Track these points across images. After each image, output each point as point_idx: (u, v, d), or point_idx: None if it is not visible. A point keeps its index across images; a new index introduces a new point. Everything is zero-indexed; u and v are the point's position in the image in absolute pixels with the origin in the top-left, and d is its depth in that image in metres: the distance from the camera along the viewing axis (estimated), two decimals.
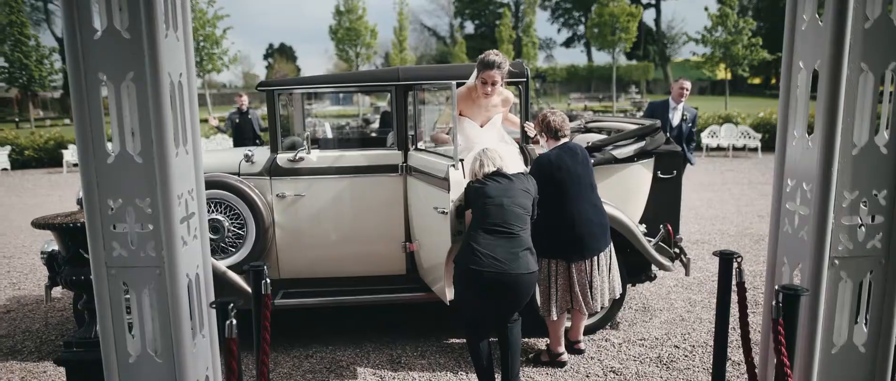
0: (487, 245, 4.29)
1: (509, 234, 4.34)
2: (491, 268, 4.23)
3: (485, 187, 4.47)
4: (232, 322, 3.00)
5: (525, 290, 4.38)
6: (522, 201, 4.48)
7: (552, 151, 5.02)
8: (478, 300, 4.43)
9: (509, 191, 4.45)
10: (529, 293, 4.44)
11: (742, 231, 10.01)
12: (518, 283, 4.30)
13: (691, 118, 9.29)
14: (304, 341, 5.87)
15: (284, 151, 5.70)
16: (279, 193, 5.62)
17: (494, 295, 4.33)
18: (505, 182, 4.50)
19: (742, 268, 3.58)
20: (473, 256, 4.28)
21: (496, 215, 4.36)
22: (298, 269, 5.81)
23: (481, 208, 4.43)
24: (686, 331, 5.93)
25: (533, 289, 4.48)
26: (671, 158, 6.08)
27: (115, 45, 2.93)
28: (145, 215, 3.08)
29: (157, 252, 3.11)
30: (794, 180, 3.25)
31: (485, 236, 4.33)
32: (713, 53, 32.19)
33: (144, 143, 3.02)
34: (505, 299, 4.38)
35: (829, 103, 2.97)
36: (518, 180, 4.56)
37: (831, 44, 2.95)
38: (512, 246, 4.31)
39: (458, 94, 5.22)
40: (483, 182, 4.52)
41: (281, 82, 5.79)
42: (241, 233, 5.56)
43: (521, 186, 4.54)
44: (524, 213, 4.46)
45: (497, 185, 4.47)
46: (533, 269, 4.38)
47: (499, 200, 4.40)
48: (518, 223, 4.39)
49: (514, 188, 4.48)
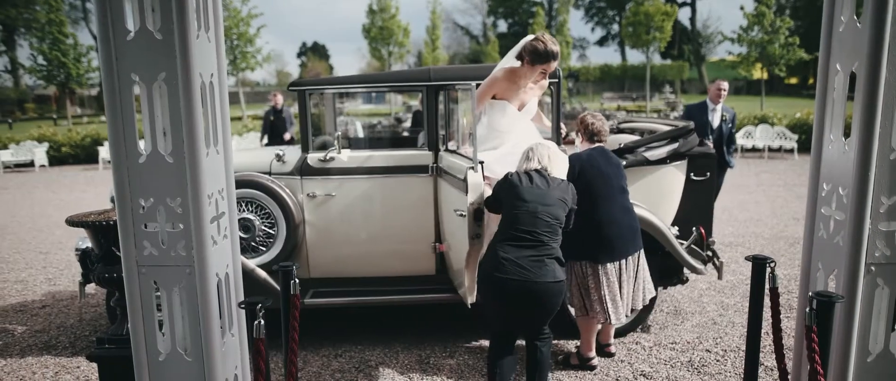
0: (513, 252, 4.07)
1: (537, 242, 4.09)
2: (515, 276, 4.00)
3: (519, 188, 4.22)
4: (260, 322, 3.01)
5: (552, 300, 4.11)
6: (556, 211, 4.19)
7: (584, 152, 5.00)
8: (503, 309, 4.20)
9: (545, 198, 4.18)
10: (556, 305, 4.17)
11: (777, 234, 9.87)
12: (544, 292, 4.05)
13: (730, 119, 9.17)
14: (333, 340, 5.88)
15: (315, 150, 5.72)
16: (310, 192, 5.64)
17: (519, 305, 4.11)
18: (543, 187, 4.24)
19: (776, 273, 3.52)
20: (498, 262, 4.08)
21: (527, 221, 4.12)
22: (328, 268, 5.82)
23: (511, 211, 4.21)
24: (718, 335, 5.86)
25: (560, 300, 4.17)
26: (704, 160, 6.01)
27: (147, 45, 2.96)
28: (176, 215, 3.10)
29: (187, 252, 3.13)
30: (830, 185, 3.19)
31: (511, 242, 4.12)
32: (749, 53, 31.81)
33: (175, 143, 3.04)
34: (530, 309, 4.14)
35: (867, 106, 2.91)
36: (557, 188, 4.29)
37: (870, 45, 2.89)
38: (538, 254, 4.07)
39: (497, 77, 5.12)
40: (520, 179, 4.28)
41: (312, 82, 5.80)
42: (272, 232, 5.58)
43: (559, 195, 4.26)
44: (556, 224, 4.19)
45: (533, 189, 4.21)
46: (560, 278, 4.11)
47: (533, 206, 4.14)
48: (548, 233, 4.13)
49: (550, 196, 4.21)
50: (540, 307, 4.13)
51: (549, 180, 4.30)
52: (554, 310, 4.20)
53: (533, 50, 4.94)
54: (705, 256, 6.01)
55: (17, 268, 8.83)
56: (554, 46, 4.95)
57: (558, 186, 4.31)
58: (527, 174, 4.33)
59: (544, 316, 4.22)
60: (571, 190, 4.41)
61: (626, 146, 5.74)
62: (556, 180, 4.35)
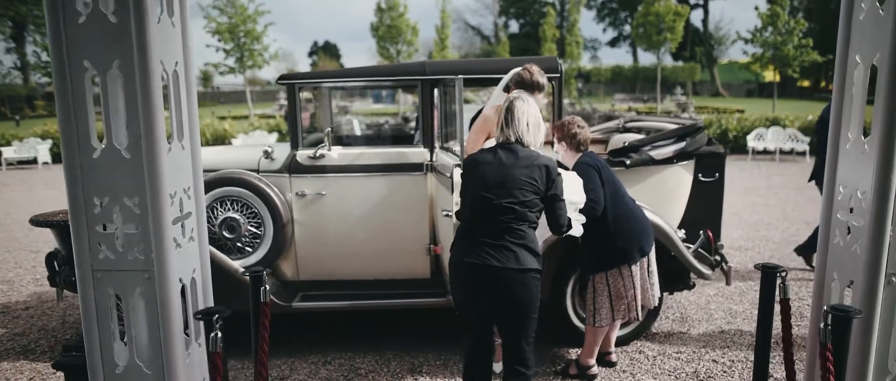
0: (476, 237, 3.61)
1: (500, 229, 3.57)
2: (476, 260, 3.55)
3: (482, 169, 3.67)
4: (217, 335, 2.76)
5: (518, 291, 3.58)
6: (523, 194, 3.58)
7: (588, 157, 4.74)
8: (468, 300, 3.73)
9: (509, 180, 3.58)
10: (527, 298, 3.62)
11: (787, 239, 9.56)
12: (507, 280, 3.54)
13: None
14: (322, 346, 5.63)
15: (305, 147, 5.48)
16: (299, 191, 5.40)
17: (482, 293, 3.63)
18: (509, 166, 3.62)
19: (786, 284, 3.24)
20: (461, 247, 3.67)
21: (487, 206, 3.59)
22: (318, 270, 5.59)
23: (473, 194, 3.69)
24: (726, 344, 5.58)
25: (529, 293, 3.62)
26: (713, 160, 5.74)
27: (100, 29, 2.72)
28: (133, 215, 2.86)
29: (146, 255, 2.89)
30: (847, 187, 2.92)
31: (474, 227, 3.65)
32: (762, 54, 31.45)
33: (133, 137, 2.80)
34: (495, 300, 3.63)
35: (889, 102, 2.64)
36: (528, 167, 3.63)
37: (893, 35, 2.62)
38: (500, 241, 3.56)
39: (488, 116, 4.70)
40: (485, 158, 3.72)
41: (302, 76, 5.56)
42: (259, 232, 5.35)
43: (527, 175, 3.61)
44: (524, 209, 3.59)
45: (498, 169, 3.63)
46: (527, 266, 3.57)
47: (494, 191, 3.59)
48: (512, 219, 3.57)
49: (516, 178, 3.59)
50: (505, 299, 3.61)
51: (519, 157, 3.67)
52: (525, 306, 3.64)
53: (519, 80, 4.72)
54: (713, 260, 5.75)
55: (6, 267, 8.61)
56: (541, 77, 4.71)
57: (529, 165, 3.65)
58: (494, 151, 3.75)
59: (515, 313, 3.67)
60: (548, 170, 3.70)
61: (631, 145, 5.49)
62: (529, 157, 3.69)
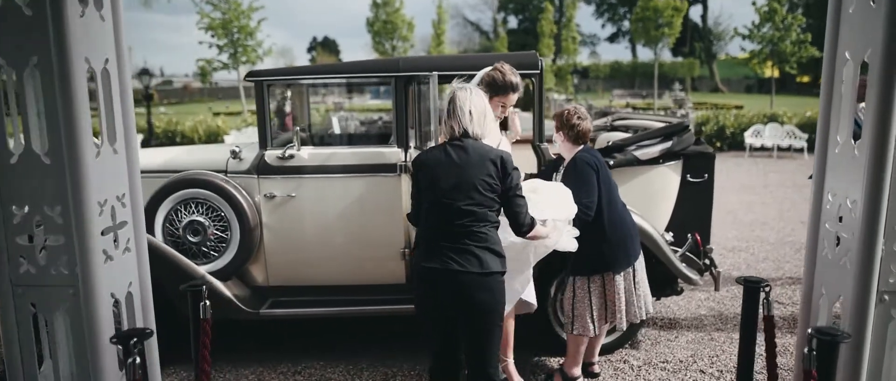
0: (435, 240, 3.41)
1: (459, 232, 3.36)
2: (437, 264, 3.35)
3: (430, 171, 3.45)
4: (135, 361, 2.51)
5: (482, 295, 3.36)
6: (478, 195, 3.36)
7: (588, 151, 4.50)
8: (430, 306, 3.53)
9: (460, 182, 3.35)
10: (491, 303, 3.41)
11: (782, 239, 9.32)
12: (468, 284, 3.32)
13: None
14: (293, 355, 5.40)
15: (276, 147, 5.23)
16: (268, 193, 5.16)
17: (444, 300, 3.42)
18: (461, 165, 3.38)
19: (770, 299, 2.99)
20: (423, 251, 3.46)
21: (443, 210, 3.39)
22: (289, 276, 5.34)
23: (426, 196, 3.49)
24: (715, 353, 5.35)
25: (495, 298, 3.42)
26: (702, 160, 5.50)
27: (14, 23, 2.46)
28: (56, 226, 2.61)
29: (71, 269, 2.64)
30: (836, 195, 2.67)
31: (433, 230, 3.44)
32: (761, 50, 31.16)
33: (54, 141, 2.55)
34: (459, 307, 3.41)
35: (882, 101, 2.40)
36: (479, 165, 3.37)
37: (885, 30, 2.39)
38: (464, 242, 3.34)
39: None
40: (433, 157, 3.50)
41: (270, 72, 5.31)
42: (225, 236, 5.11)
43: (480, 174, 3.36)
44: (482, 211, 3.37)
45: (447, 170, 3.40)
46: (490, 269, 3.35)
47: (448, 194, 3.37)
48: (470, 221, 3.35)
49: (467, 179, 3.35)
50: (468, 304, 3.39)
51: (469, 154, 3.41)
52: (489, 310, 3.42)
53: (490, 81, 4.34)
54: (702, 264, 5.51)
55: None
56: (513, 77, 4.33)
57: (481, 161, 3.40)
58: (443, 149, 3.49)
59: (479, 319, 3.44)
60: (503, 162, 3.43)
61: (615, 144, 5.26)
62: (481, 152, 3.43)
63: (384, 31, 34.65)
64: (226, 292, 4.99)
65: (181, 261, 4.94)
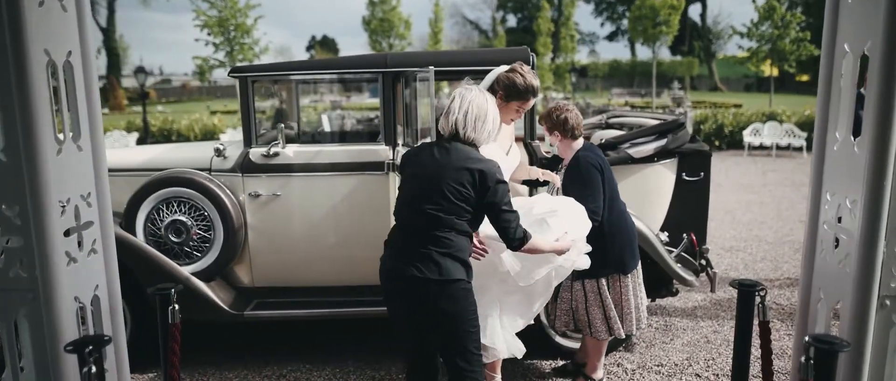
0: (400, 242, 3.28)
1: (424, 236, 3.18)
2: (399, 267, 3.20)
3: (412, 167, 3.34)
4: (90, 371, 2.37)
5: (443, 303, 3.16)
6: (449, 203, 3.16)
7: (591, 151, 4.37)
8: (396, 313, 3.39)
9: (435, 184, 3.17)
10: (455, 310, 3.19)
11: (781, 238, 9.19)
12: (431, 292, 3.14)
13: None
14: (278, 358, 5.27)
15: (260, 144, 5.10)
16: (253, 191, 5.03)
17: (409, 304, 3.25)
18: (442, 165, 3.20)
19: (766, 304, 2.85)
20: (386, 252, 3.35)
21: (412, 210, 3.24)
22: (274, 276, 5.21)
23: (401, 194, 3.37)
24: (711, 356, 5.22)
25: (459, 305, 3.20)
26: (698, 158, 5.37)
27: None
28: (14, 227, 2.48)
29: (30, 272, 2.51)
30: (835, 194, 2.54)
31: (401, 231, 3.32)
32: (759, 48, 31.06)
33: (11, 137, 2.42)
34: (423, 314, 3.23)
35: (883, 96, 2.27)
36: (460, 170, 3.18)
37: (886, 20, 2.25)
38: (427, 247, 3.16)
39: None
40: (419, 154, 3.37)
41: (254, 68, 5.18)
42: (208, 236, 4.98)
43: (459, 180, 3.16)
44: (450, 218, 3.16)
45: (426, 169, 3.25)
46: (451, 276, 3.14)
47: (421, 193, 3.21)
48: (437, 226, 3.16)
49: (443, 182, 3.16)
50: (430, 311, 3.20)
51: (451, 157, 3.23)
52: (453, 318, 3.21)
53: (509, 83, 3.97)
54: (697, 265, 5.39)
55: None
56: (535, 80, 4.02)
57: (459, 167, 3.19)
58: (430, 148, 3.34)
59: (444, 327, 3.24)
60: (483, 176, 3.19)
61: (608, 142, 5.14)
62: (463, 157, 3.23)
63: (381, 29, 34.51)
64: (209, 293, 4.87)
65: (163, 262, 4.82)
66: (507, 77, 3.97)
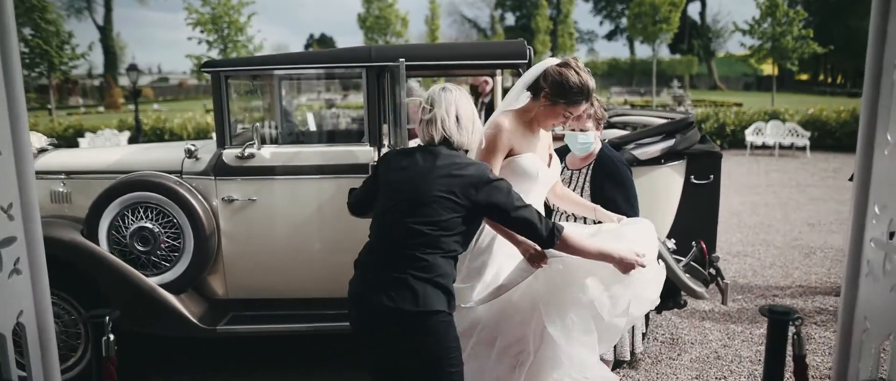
0: (372, 262, 2.84)
1: (400, 255, 2.73)
2: (366, 292, 2.77)
3: (391, 173, 2.91)
4: None
5: (419, 338, 2.72)
6: (434, 211, 2.72)
7: (614, 149, 4.08)
8: (363, 343, 2.94)
9: (419, 192, 2.75)
10: (433, 347, 2.74)
11: (789, 242, 8.79)
12: (404, 325, 2.70)
13: None
14: (255, 375, 4.89)
15: (234, 145, 4.71)
16: (226, 196, 4.64)
17: (369, 341, 2.87)
18: (424, 172, 2.79)
19: (801, 335, 2.44)
20: (356, 273, 2.90)
21: (388, 224, 2.82)
22: (250, 288, 4.83)
23: (377, 205, 2.95)
24: (721, 373, 4.84)
25: (438, 341, 2.74)
26: (708, 160, 5.00)
27: None
28: None
29: None
30: (886, 208, 2.14)
31: (373, 249, 2.88)
32: (761, 46, 30.70)
33: None
34: (394, 348, 2.80)
35: None
36: (446, 177, 2.75)
37: None
38: (404, 271, 2.70)
39: (502, 127, 3.32)
40: (399, 160, 2.93)
41: (228, 62, 4.80)
42: (177, 244, 4.59)
43: (444, 188, 2.73)
44: (434, 232, 2.72)
45: (407, 176, 2.83)
46: (432, 308, 2.69)
47: (399, 205, 2.79)
48: (416, 244, 2.72)
49: (426, 190, 2.74)
50: (402, 347, 2.77)
51: (437, 163, 2.81)
52: (430, 356, 2.76)
53: (558, 81, 3.24)
54: (707, 275, 5.00)
55: None
56: (589, 79, 3.28)
57: (448, 174, 2.77)
58: (412, 153, 2.92)
59: (419, 366, 2.79)
60: (476, 181, 2.77)
61: (611, 143, 4.75)
62: (451, 163, 2.81)
63: (376, 26, 34.05)
64: (178, 307, 4.51)
65: (128, 272, 4.45)
66: (558, 72, 3.27)
